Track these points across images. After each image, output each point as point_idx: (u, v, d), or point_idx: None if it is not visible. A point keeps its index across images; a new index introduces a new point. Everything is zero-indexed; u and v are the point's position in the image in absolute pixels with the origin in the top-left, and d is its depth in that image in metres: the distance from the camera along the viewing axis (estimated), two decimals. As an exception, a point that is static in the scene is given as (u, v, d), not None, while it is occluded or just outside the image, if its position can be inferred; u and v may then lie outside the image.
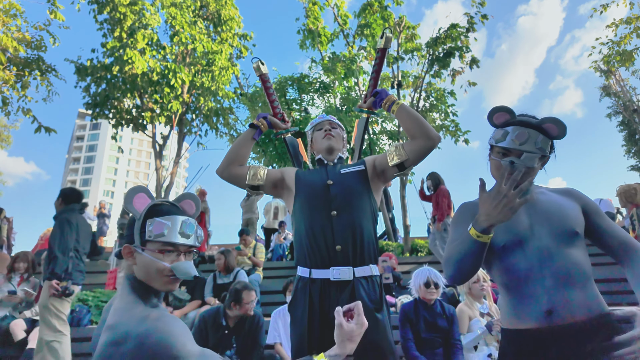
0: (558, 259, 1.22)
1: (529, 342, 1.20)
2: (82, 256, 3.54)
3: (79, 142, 75.44)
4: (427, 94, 8.93)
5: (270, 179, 1.75)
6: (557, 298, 1.18)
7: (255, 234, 8.90)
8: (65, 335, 3.29)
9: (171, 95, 6.78)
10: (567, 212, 1.31)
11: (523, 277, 1.24)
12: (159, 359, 0.92)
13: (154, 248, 1.07)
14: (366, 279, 1.50)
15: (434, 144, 1.54)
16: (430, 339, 2.81)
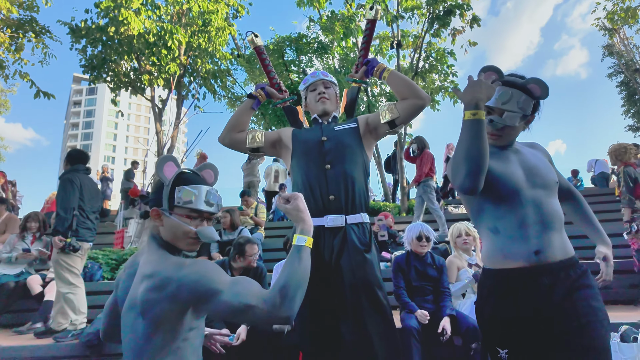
0: (547, 206, 1.35)
1: (518, 278, 1.31)
2: (90, 214, 3.67)
3: (76, 107, 74.49)
4: (427, 54, 8.81)
5: (268, 140, 1.87)
6: (544, 240, 1.31)
7: (256, 197, 9.10)
8: (79, 287, 3.51)
9: (168, 57, 6.72)
10: (548, 165, 1.46)
11: (518, 223, 1.34)
12: (199, 295, 1.07)
13: (181, 213, 1.20)
14: (357, 225, 1.64)
15: (424, 103, 1.63)
16: (420, 287, 3.02)
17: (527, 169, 1.41)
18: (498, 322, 1.34)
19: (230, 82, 9.06)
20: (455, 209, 7.60)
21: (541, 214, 1.33)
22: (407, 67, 9.18)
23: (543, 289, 1.28)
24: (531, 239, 1.31)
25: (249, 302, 1.05)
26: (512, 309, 1.31)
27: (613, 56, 15.63)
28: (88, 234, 3.60)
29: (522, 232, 1.32)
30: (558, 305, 1.27)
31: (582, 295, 1.28)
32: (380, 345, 1.46)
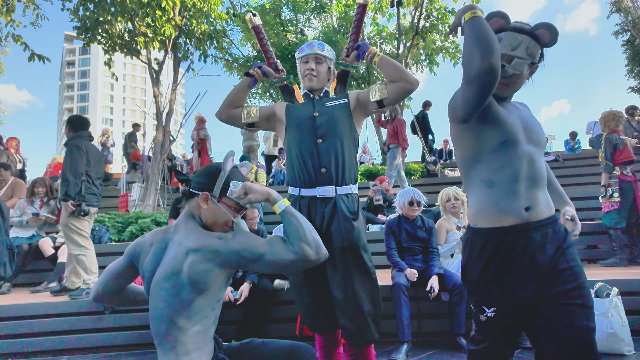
0: (538, 163, 1.37)
1: (511, 236, 1.31)
2: (95, 180, 3.80)
3: (70, 67, 72.75)
4: (428, 13, 8.56)
5: (262, 115, 1.97)
6: (532, 197, 1.33)
7: (256, 161, 9.21)
8: (89, 249, 3.72)
9: (163, 18, 6.56)
10: (540, 125, 1.47)
11: (512, 177, 1.34)
12: (244, 260, 1.28)
13: (229, 204, 1.38)
14: (346, 196, 1.77)
15: (412, 87, 1.70)
16: (410, 247, 3.21)
17: (525, 123, 1.40)
18: (490, 281, 1.34)
19: (227, 44, 8.87)
20: (451, 172, 7.73)
21: (533, 170, 1.35)
22: (408, 26, 8.96)
23: (536, 246, 1.30)
24: (521, 195, 1.32)
25: (287, 257, 1.26)
26: (505, 267, 1.31)
27: (620, 13, 15.06)
28: (94, 199, 3.74)
29: (514, 186, 1.33)
30: (550, 262, 1.30)
31: (571, 254, 1.32)
32: (364, 300, 1.64)
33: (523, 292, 1.30)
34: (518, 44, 1.33)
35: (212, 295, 1.28)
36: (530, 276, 1.30)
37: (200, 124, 8.92)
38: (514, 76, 1.36)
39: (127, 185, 8.26)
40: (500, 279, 1.32)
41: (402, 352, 2.74)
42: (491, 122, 1.34)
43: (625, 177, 4.28)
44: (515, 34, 1.35)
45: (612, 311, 2.70)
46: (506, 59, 1.35)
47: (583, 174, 7.35)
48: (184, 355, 1.24)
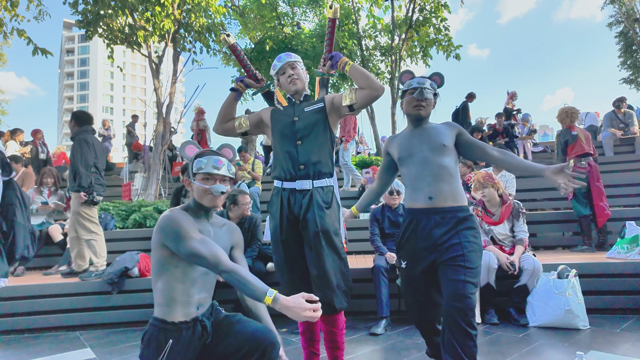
0: (433, 164, 1.90)
1: (417, 214, 1.91)
2: (102, 172, 4.09)
3: (70, 55, 72.41)
4: (422, 6, 8.72)
5: (252, 123, 2.26)
6: (434, 189, 1.88)
7: (255, 151, 9.45)
8: (99, 235, 4.02)
9: (163, 13, 6.74)
10: (440, 133, 1.98)
11: (414, 177, 1.94)
12: (164, 231, 1.51)
13: (199, 178, 1.64)
14: (322, 188, 2.04)
15: (378, 94, 1.96)
16: (392, 233, 3.50)
17: (421, 137, 1.97)
18: (404, 243, 1.97)
19: (225, 37, 9.02)
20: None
21: (429, 169, 1.88)
22: (402, 19, 9.12)
23: (433, 223, 1.85)
24: (424, 187, 1.88)
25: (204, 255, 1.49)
26: (411, 234, 1.92)
27: (614, 4, 15.06)
28: (100, 189, 4.03)
29: (418, 183, 1.91)
30: (443, 235, 1.84)
31: (464, 232, 1.83)
32: (333, 275, 1.92)
33: (423, 253, 1.88)
34: (424, 82, 1.99)
35: (159, 261, 1.56)
36: (429, 244, 1.86)
37: (199, 115, 9.14)
38: (428, 100, 1.97)
39: (130, 174, 8.53)
40: (409, 243, 1.94)
41: (381, 327, 3.05)
42: (394, 147, 2.09)
43: (578, 169, 4.56)
44: (421, 77, 2.04)
45: (569, 290, 3.00)
46: (419, 90, 1.96)
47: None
48: (155, 307, 1.58)
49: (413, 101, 1.97)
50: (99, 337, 3.33)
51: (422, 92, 1.94)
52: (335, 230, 1.97)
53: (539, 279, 3.18)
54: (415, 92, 1.95)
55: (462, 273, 1.74)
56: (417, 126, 2.04)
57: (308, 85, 2.22)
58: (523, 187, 5.91)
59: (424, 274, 1.90)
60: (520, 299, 3.22)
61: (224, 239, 1.73)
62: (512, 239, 3.39)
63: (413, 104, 1.97)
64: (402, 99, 2.12)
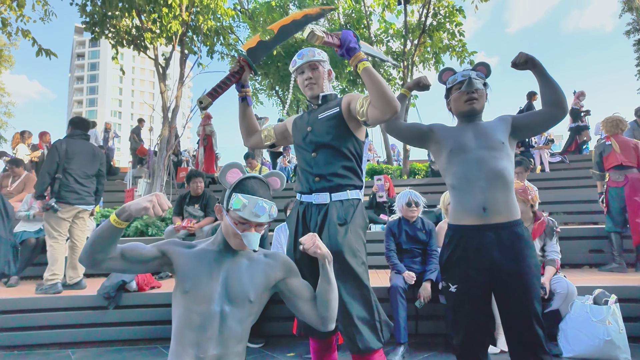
0: (490, 165, 1.65)
1: (470, 232, 1.65)
2: (80, 178, 3.81)
3: (80, 59, 73.31)
4: (436, 11, 8.48)
5: (278, 134, 2.11)
6: (489, 197, 1.62)
7: (261, 157, 9.24)
8: (59, 245, 3.75)
9: (170, 15, 6.58)
10: (498, 128, 1.75)
11: (465, 178, 1.68)
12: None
13: (234, 216, 1.37)
14: (341, 202, 1.79)
15: (388, 118, 1.57)
16: (410, 249, 3.23)
17: (477, 133, 1.74)
18: (452, 264, 1.71)
19: (233, 40, 8.89)
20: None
21: (484, 172, 1.64)
22: (415, 24, 8.90)
23: (488, 242, 1.61)
24: (477, 194, 1.63)
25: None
26: (463, 255, 1.67)
27: (632, 12, 14.73)
28: (72, 196, 3.75)
29: (470, 187, 1.65)
30: (500, 258, 1.60)
31: (524, 253, 1.60)
32: (353, 305, 1.65)
33: (477, 278, 1.63)
34: (469, 73, 1.80)
35: (175, 293, 1.38)
36: (483, 266, 1.61)
37: (206, 119, 8.97)
38: (479, 91, 1.77)
39: (134, 180, 8.34)
40: (460, 265, 1.68)
41: (398, 354, 2.77)
42: (442, 137, 1.81)
43: (612, 183, 4.28)
44: (465, 70, 1.85)
45: (609, 318, 2.70)
46: (467, 81, 1.76)
47: (588, 176, 7.28)
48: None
49: (463, 95, 1.77)
50: (92, 356, 3.08)
51: (471, 82, 1.74)
52: (352, 251, 1.71)
53: (573, 304, 2.88)
54: (464, 85, 1.75)
55: (527, 305, 1.56)
56: (470, 122, 1.81)
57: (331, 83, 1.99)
58: (543, 200, 5.61)
59: (478, 298, 1.67)
60: (552, 326, 2.92)
61: (257, 275, 1.43)
62: (542, 258, 3.10)
63: (463, 98, 1.77)
64: (448, 99, 1.89)
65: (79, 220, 3.87)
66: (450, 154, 1.75)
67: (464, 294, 1.68)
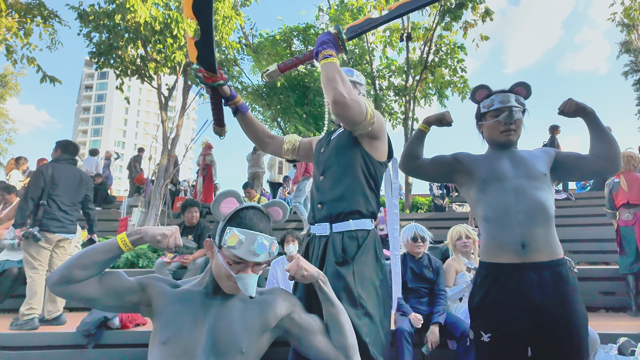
0: (530, 197, 1.47)
1: (507, 272, 1.46)
2: (64, 205, 3.62)
3: (88, 91, 75.06)
4: (437, 48, 8.62)
5: (302, 150, 1.92)
6: (528, 233, 1.43)
7: (261, 188, 9.10)
8: (39, 276, 3.52)
9: (174, 45, 6.66)
10: (539, 158, 1.61)
11: (503, 210, 1.49)
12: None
13: (227, 254, 1.16)
14: (344, 234, 1.53)
15: (338, 110, 1.44)
16: (416, 288, 2.99)
17: (514, 161, 1.59)
18: (485, 309, 1.50)
19: (237, 72, 8.99)
20: (459, 207, 7.53)
21: (523, 203, 1.47)
22: (417, 60, 9.03)
23: (528, 283, 1.41)
24: (515, 228, 1.45)
25: None
26: (498, 298, 1.47)
27: (630, 54, 15.10)
28: (54, 224, 3.55)
29: (507, 219, 1.47)
30: (542, 302, 1.40)
31: (569, 299, 1.40)
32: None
33: (516, 325, 1.42)
34: (508, 99, 1.61)
35: (152, 343, 1.19)
36: (522, 313, 1.41)
37: (206, 149, 8.91)
38: (518, 121, 1.62)
39: (129, 209, 8.16)
40: (494, 310, 1.47)
41: (404, 407, 2.47)
42: (474, 165, 1.64)
43: (622, 222, 4.09)
44: (503, 93, 1.65)
45: (638, 371, 2.44)
46: (505, 111, 1.61)
47: (596, 214, 7.08)
48: None
49: (499, 125, 1.61)
50: (65, 403, 2.78)
51: (511, 114, 1.58)
52: (352, 299, 1.41)
53: (597, 354, 2.61)
54: (502, 115, 1.60)
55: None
56: (504, 149, 1.66)
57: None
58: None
59: (516, 350, 1.46)
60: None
61: (251, 319, 1.21)
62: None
63: (500, 129, 1.61)
64: (481, 122, 1.73)
65: (59, 249, 3.65)
66: (484, 183, 1.58)
67: (500, 345, 1.46)
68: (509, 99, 1.61)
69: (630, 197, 4.05)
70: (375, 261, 1.54)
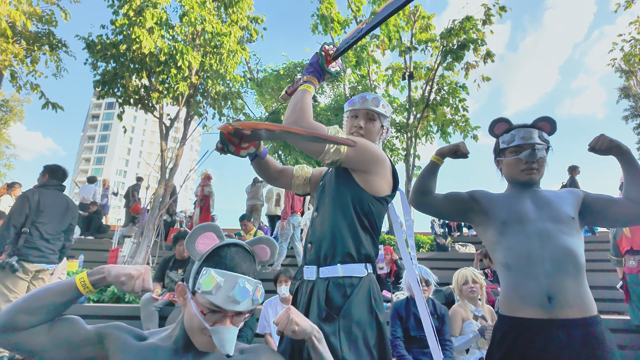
0: (557, 242, 1.31)
1: (532, 329, 1.27)
2: (46, 234, 3.42)
3: (94, 120, 76.36)
4: (439, 87, 8.72)
5: (314, 182, 1.75)
6: (555, 283, 1.26)
7: (259, 221, 8.89)
8: None
9: (178, 76, 6.70)
10: (566, 200, 1.45)
11: (525, 256, 1.34)
12: None
13: (201, 302, 0.97)
14: (331, 281, 1.31)
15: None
16: (419, 337, 2.74)
17: (537, 202, 1.45)
18: None
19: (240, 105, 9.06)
20: (462, 247, 7.28)
21: (549, 249, 1.31)
22: (419, 99, 9.10)
23: (557, 345, 1.23)
24: (541, 278, 1.28)
25: None
26: (521, 358, 1.28)
27: (629, 99, 15.36)
28: (34, 253, 3.34)
29: (531, 267, 1.31)
30: None
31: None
32: None
33: None
34: (530, 135, 1.50)
35: None
36: None
37: (205, 180, 8.78)
38: (541, 160, 1.50)
39: (122, 239, 7.92)
40: None
41: None
42: (492, 205, 1.50)
43: (627, 269, 3.86)
44: (525, 128, 1.53)
45: None
46: (527, 148, 1.49)
47: (603, 259, 6.82)
48: None
49: (520, 164, 1.49)
50: None
51: (534, 153, 1.46)
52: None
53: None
54: (524, 153, 1.47)
55: None
56: (525, 189, 1.52)
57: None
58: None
59: None
60: None
61: None
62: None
63: (521, 167, 1.49)
64: (499, 158, 1.59)
65: (37, 281, 3.42)
66: (503, 226, 1.43)
67: None
68: (532, 135, 1.49)
69: (634, 242, 3.85)
70: (368, 314, 1.29)
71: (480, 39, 7.95)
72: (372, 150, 1.44)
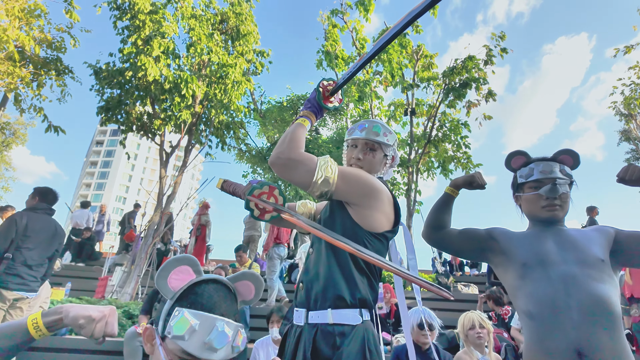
0: (584, 288, 1.16)
1: None
2: (29, 259, 3.24)
3: (98, 146, 77.18)
4: (441, 124, 8.77)
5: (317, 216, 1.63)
6: (586, 336, 1.10)
7: (255, 253, 8.66)
8: None
9: (182, 104, 6.74)
10: (594, 240, 1.30)
11: (549, 304, 1.18)
12: None
13: (172, 348, 0.81)
14: (315, 328, 1.17)
15: (278, 168, 1.29)
16: (421, 388, 2.52)
17: (561, 242, 1.31)
18: None
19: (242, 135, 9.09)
20: (465, 287, 7.02)
21: (576, 297, 1.15)
22: (420, 135, 9.13)
23: None
24: (568, 329, 1.12)
25: None
26: None
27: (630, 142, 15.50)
28: (15, 280, 3.16)
29: (555, 317, 1.16)
30: None
31: None
32: None
33: None
34: (551, 169, 1.40)
35: None
36: None
37: (203, 209, 8.64)
38: (564, 195, 1.38)
39: (114, 267, 7.68)
40: None
41: None
42: (511, 246, 1.38)
43: (634, 318, 3.66)
44: (545, 162, 1.43)
45: None
46: (547, 183, 1.39)
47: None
48: None
49: (540, 200, 1.37)
50: None
51: (555, 188, 1.34)
52: None
53: None
54: (544, 188, 1.36)
55: None
56: (547, 227, 1.38)
57: None
58: None
59: None
60: None
61: None
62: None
63: (541, 204, 1.37)
64: (518, 194, 1.48)
65: (15, 310, 3.21)
66: (524, 269, 1.28)
67: None
68: (552, 169, 1.39)
69: (634, 290, 3.68)
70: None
71: (482, 78, 8.08)
72: (365, 180, 1.33)
